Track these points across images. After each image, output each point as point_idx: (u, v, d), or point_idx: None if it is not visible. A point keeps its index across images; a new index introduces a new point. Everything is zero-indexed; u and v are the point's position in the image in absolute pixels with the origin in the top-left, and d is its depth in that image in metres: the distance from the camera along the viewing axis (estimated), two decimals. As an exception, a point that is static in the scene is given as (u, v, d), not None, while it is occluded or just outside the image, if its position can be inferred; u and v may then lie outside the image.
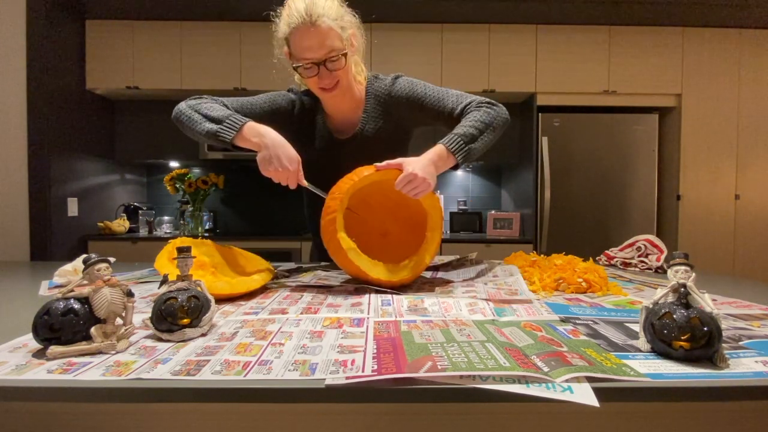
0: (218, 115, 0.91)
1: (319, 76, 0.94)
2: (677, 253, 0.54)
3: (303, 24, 0.89)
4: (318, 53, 0.91)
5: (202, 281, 0.62)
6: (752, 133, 2.85)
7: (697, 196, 2.85)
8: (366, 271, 0.83)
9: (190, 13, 2.83)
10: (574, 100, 2.86)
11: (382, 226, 1.05)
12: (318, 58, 0.91)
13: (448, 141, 0.93)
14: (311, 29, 0.89)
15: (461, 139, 0.93)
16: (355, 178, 0.87)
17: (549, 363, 0.45)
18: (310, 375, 0.44)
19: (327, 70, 0.93)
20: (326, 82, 0.95)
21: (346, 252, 0.83)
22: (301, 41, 0.90)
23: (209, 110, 0.93)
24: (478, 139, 0.95)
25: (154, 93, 2.91)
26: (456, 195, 3.41)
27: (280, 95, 1.09)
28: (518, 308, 0.71)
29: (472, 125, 0.95)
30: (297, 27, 0.89)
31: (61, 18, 2.61)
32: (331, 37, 0.91)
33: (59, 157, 2.57)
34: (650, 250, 1.15)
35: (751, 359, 0.48)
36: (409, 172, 0.84)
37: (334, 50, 0.92)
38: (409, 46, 2.85)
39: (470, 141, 0.94)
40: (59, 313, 0.50)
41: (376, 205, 1.01)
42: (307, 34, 0.89)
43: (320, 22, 0.89)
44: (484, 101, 1.01)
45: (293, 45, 0.92)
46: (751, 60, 2.84)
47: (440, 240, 0.94)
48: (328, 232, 0.85)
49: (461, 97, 1.04)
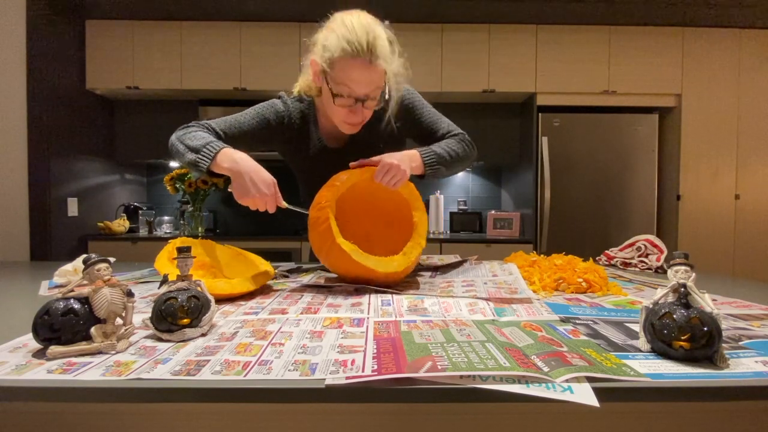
0: (197, 144, 0.89)
1: (352, 110, 0.93)
2: (677, 253, 0.53)
3: (363, 58, 0.86)
4: (363, 90, 0.90)
5: (202, 281, 0.62)
6: (752, 133, 2.85)
7: (697, 196, 2.85)
8: (374, 268, 0.82)
9: (190, 13, 2.83)
10: (574, 100, 2.86)
11: (362, 229, 1.03)
12: (360, 95, 0.90)
13: (424, 152, 0.96)
14: (369, 67, 0.87)
15: (436, 156, 0.97)
16: (336, 184, 0.87)
17: (549, 363, 0.45)
18: (310, 375, 0.44)
19: (362, 107, 0.92)
20: (357, 119, 0.95)
21: (350, 254, 0.81)
22: (352, 72, 0.87)
23: (191, 140, 0.92)
24: (449, 165, 1.01)
25: (154, 93, 2.91)
26: (456, 195, 3.41)
27: (268, 109, 1.05)
28: (518, 308, 0.71)
29: (451, 151, 1.01)
30: (355, 57, 0.86)
31: (61, 18, 2.61)
32: (379, 79, 0.90)
33: (59, 157, 2.57)
34: (650, 250, 1.15)
35: (751, 359, 0.48)
36: (386, 162, 0.86)
37: (376, 92, 0.91)
38: (409, 46, 2.83)
39: (442, 163, 0.99)
40: (59, 313, 0.50)
41: (351, 210, 1.00)
42: (362, 69, 0.87)
43: (378, 63, 0.87)
44: (467, 139, 1.08)
45: (340, 70, 0.88)
46: (751, 60, 2.84)
47: (427, 219, 0.94)
48: (325, 241, 0.83)
49: (451, 125, 1.09)
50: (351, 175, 0.90)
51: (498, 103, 3.08)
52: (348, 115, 0.94)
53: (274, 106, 1.06)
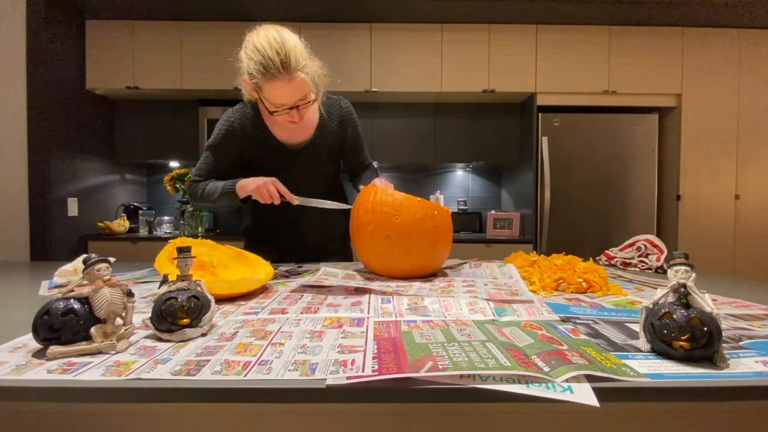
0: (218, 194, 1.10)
1: (290, 114, 1.04)
2: (677, 253, 0.53)
3: (281, 78, 0.96)
4: (292, 100, 1.01)
5: (202, 281, 0.62)
6: (752, 133, 2.85)
7: (697, 196, 2.85)
8: None
9: (190, 13, 2.83)
10: (574, 100, 2.86)
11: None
12: (291, 105, 1.01)
13: None
14: (290, 82, 0.97)
15: None
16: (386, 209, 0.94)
17: (549, 362, 0.45)
18: (310, 375, 0.44)
19: (297, 111, 1.04)
20: (295, 119, 1.06)
21: None
22: (278, 92, 0.99)
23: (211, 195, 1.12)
24: None
25: (154, 93, 2.91)
26: (456, 195, 3.41)
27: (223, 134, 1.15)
28: (518, 308, 0.71)
29: None
30: (273, 80, 0.96)
31: (61, 18, 2.61)
32: (304, 87, 1.00)
33: (59, 157, 2.57)
34: (650, 250, 1.15)
35: (751, 359, 0.48)
36: (381, 180, 1.11)
37: (306, 96, 1.02)
38: (409, 46, 2.85)
39: None
40: (59, 313, 0.50)
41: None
42: (283, 87, 0.98)
43: (295, 76, 0.97)
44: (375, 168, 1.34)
45: (267, 92, 1.00)
46: (751, 60, 2.84)
47: None
48: None
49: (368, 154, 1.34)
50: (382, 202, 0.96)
51: (498, 103, 3.08)
52: (287, 119, 1.05)
53: (228, 125, 1.15)
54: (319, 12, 2.82)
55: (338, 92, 1.26)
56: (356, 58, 2.84)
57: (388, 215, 0.92)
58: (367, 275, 1.00)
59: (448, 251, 1.00)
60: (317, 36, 2.83)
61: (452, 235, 1.01)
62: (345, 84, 2.83)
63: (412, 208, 0.93)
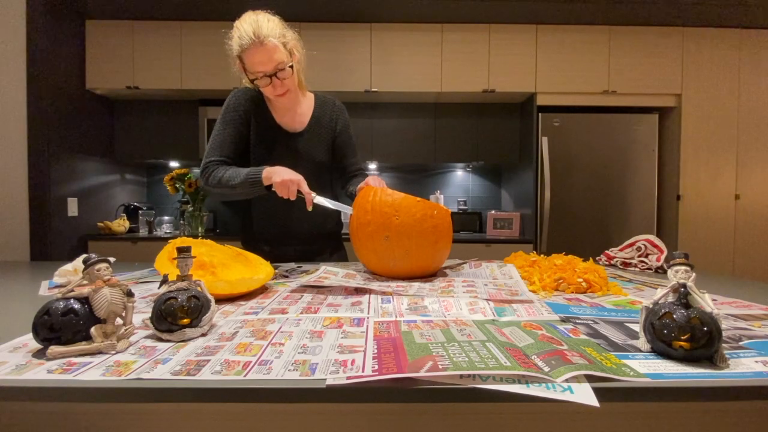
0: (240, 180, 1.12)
1: (272, 85, 1.12)
2: (677, 253, 0.54)
3: (253, 44, 1.06)
4: (268, 66, 1.09)
5: (202, 281, 0.62)
6: (752, 133, 2.85)
7: (697, 196, 2.85)
8: None
9: (190, 13, 2.82)
10: (574, 100, 2.86)
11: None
12: (269, 71, 1.09)
13: None
14: (260, 48, 1.06)
15: None
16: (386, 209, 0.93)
17: (549, 362, 0.45)
18: (310, 375, 0.44)
19: (278, 80, 1.11)
20: (279, 90, 1.14)
21: None
22: (253, 58, 1.08)
23: (233, 179, 1.12)
24: None
25: (154, 93, 2.91)
26: (456, 195, 3.41)
27: (233, 105, 1.20)
28: (518, 308, 0.71)
29: None
30: (248, 47, 1.06)
31: (61, 18, 2.61)
32: (277, 52, 1.08)
33: (59, 157, 2.57)
34: (650, 250, 1.15)
35: (751, 359, 0.48)
36: (375, 178, 1.15)
37: (282, 62, 1.10)
38: (409, 46, 2.85)
39: None
40: (59, 313, 0.50)
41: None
42: (257, 52, 1.07)
43: (267, 42, 1.06)
44: None
45: (246, 62, 1.09)
46: (751, 60, 2.84)
47: None
48: None
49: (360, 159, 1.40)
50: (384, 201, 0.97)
51: (498, 103, 3.08)
52: (272, 90, 1.13)
53: (234, 95, 1.22)
54: (319, 12, 2.82)
55: (338, 92, 1.28)
56: (356, 58, 2.84)
57: (387, 215, 0.92)
58: (367, 275, 1.00)
59: (448, 251, 1.00)
60: (317, 36, 2.83)
61: (452, 235, 1.01)
62: (345, 84, 2.83)
63: (412, 208, 0.93)
